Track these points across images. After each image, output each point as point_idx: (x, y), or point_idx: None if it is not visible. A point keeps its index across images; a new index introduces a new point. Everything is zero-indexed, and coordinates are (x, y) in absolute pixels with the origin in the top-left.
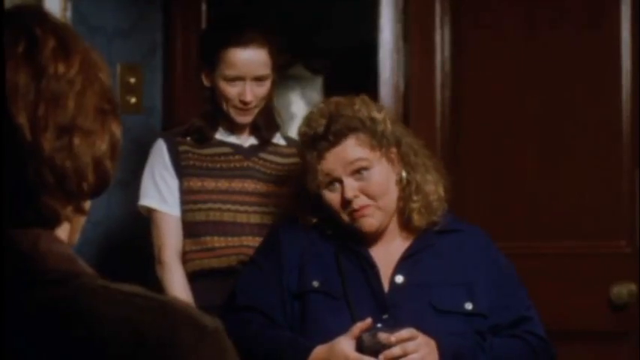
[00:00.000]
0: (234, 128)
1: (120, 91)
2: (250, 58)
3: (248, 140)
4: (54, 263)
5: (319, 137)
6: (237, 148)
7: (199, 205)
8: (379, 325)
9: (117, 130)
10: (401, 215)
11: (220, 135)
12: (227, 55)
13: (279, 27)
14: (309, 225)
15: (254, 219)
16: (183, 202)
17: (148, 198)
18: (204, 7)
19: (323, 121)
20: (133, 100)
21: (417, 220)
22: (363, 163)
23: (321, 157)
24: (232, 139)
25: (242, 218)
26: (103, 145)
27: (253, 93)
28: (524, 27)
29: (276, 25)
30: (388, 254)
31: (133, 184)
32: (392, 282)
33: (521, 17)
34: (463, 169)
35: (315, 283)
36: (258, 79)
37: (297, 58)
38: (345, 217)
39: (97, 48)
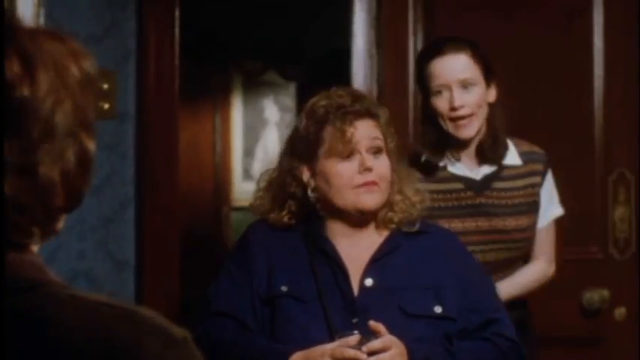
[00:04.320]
0: (460, 153)
1: None
2: (450, 64)
3: (480, 171)
4: (23, 272)
5: (352, 111)
6: (469, 184)
7: None
8: (355, 332)
9: (89, 145)
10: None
11: (453, 167)
12: (430, 68)
13: (253, 34)
14: (280, 226)
15: (490, 257)
16: None
17: None
18: (177, 13)
19: (347, 98)
20: (106, 106)
21: (393, 215)
22: (380, 144)
23: (351, 124)
24: (465, 171)
25: (477, 259)
26: (72, 162)
27: (462, 99)
28: (497, 34)
29: (250, 33)
30: (359, 255)
31: (106, 189)
32: (361, 285)
33: (494, 25)
34: None
35: (284, 288)
36: (464, 84)
37: (271, 64)
38: (350, 190)
39: None
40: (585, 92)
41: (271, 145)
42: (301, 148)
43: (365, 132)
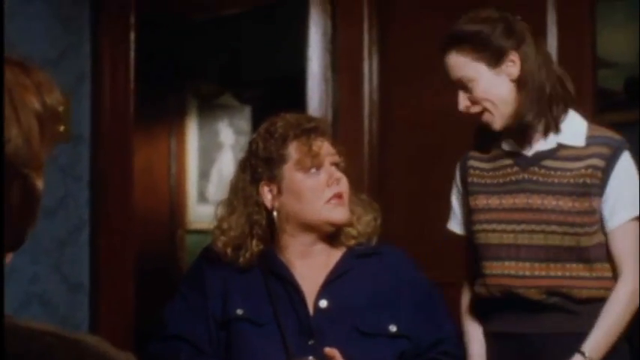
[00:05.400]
0: (512, 136)
1: None
2: (448, 64)
3: (534, 147)
4: None
5: (312, 128)
6: (518, 159)
7: (472, 227)
8: (310, 357)
9: (38, 183)
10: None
11: (507, 144)
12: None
13: (209, 57)
14: (250, 256)
15: (522, 240)
16: (466, 223)
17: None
18: (132, 37)
19: (302, 118)
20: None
21: (346, 233)
22: (339, 160)
23: (315, 138)
24: (517, 148)
25: (508, 239)
26: (16, 202)
27: (464, 101)
28: None
29: (205, 56)
30: (313, 276)
31: (60, 212)
32: (316, 307)
33: None
34: (390, 199)
35: (239, 311)
36: (462, 83)
37: (226, 87)
38: (321, 204)
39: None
40: None
41: (226, 168)
42: (261, 170)
43: (326, 147)
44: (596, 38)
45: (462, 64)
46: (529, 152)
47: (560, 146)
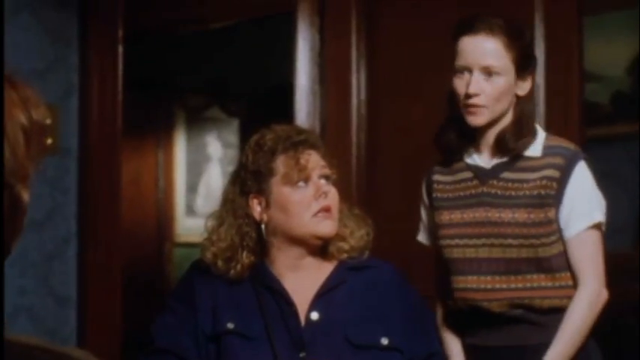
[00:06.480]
0: (481, 141)
1: None
2: (478, 45)
3: (493, 160)
4: None
5: (301, 141)
6: (477, 172)
7: (438, 242)
8: None
9: (24, 195)
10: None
11: (469, 157)
12: (458, 44)
13: (196, 70)
14: (243, 268)
15: (482, 253)
16: (432, 237)
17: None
18: (120, 49)
19: (292, 130)
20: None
21: (338, 247)
22: (329, 172)
23: (303, 152)
24: (477, 161)
25: (470, 254)
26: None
27: (479, 87)
28: (439, 69)
29: (193, 68)
30: (304, 290)
31: (48, 225)
32: (307, 319)
33: (435, 59)
34: (378, 211)
35: (230, 325)
36: (487, 71)
37: (214, 100)
38: (308, 217)
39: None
40: None
41: (214, 181)
42: (250, 183)
43: (315, 160)
44: (583, 52)
45: (500, 55)
46: (488, 165)
47: (518, 157)
